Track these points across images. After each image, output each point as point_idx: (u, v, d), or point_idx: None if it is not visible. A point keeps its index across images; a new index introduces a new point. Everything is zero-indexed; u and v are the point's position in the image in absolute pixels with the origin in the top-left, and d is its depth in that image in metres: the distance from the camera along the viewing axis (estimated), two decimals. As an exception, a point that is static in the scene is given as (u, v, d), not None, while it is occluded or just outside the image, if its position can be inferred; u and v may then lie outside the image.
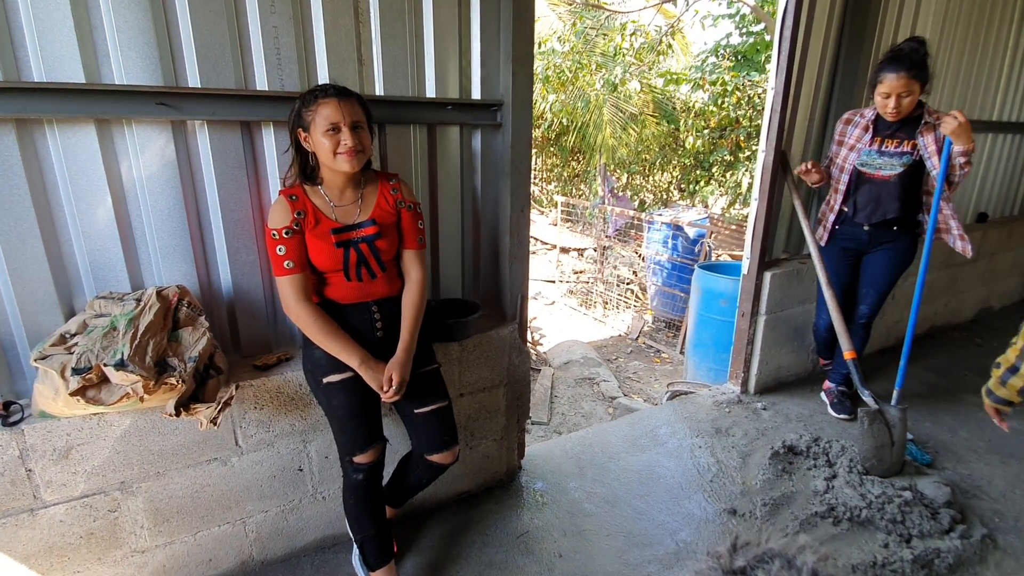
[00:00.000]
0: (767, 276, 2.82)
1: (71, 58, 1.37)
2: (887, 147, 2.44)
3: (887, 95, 2.30)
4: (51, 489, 1.46)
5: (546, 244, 8.87)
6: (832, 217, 2.62)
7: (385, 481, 1.74)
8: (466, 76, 1.92)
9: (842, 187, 2.55)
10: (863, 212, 2.52)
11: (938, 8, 3.17)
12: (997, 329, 4.06)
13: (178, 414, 1.40)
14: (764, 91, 7.80)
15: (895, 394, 2.47)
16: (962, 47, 3.44)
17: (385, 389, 1.53)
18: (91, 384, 1.34)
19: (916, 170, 2.44)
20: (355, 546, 1.74)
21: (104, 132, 1.45)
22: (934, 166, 2.35)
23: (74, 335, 1.43)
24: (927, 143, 2.35)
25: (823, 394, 2.96)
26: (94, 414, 1.46)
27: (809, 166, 2.51)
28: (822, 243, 2.68)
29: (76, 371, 1.33)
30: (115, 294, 1.52)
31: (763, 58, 7.66)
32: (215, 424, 1.44)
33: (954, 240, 2.51)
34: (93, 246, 1.51)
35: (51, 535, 1.49)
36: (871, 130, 2.46)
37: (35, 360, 1.37)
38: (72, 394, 1.32)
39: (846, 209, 2.58)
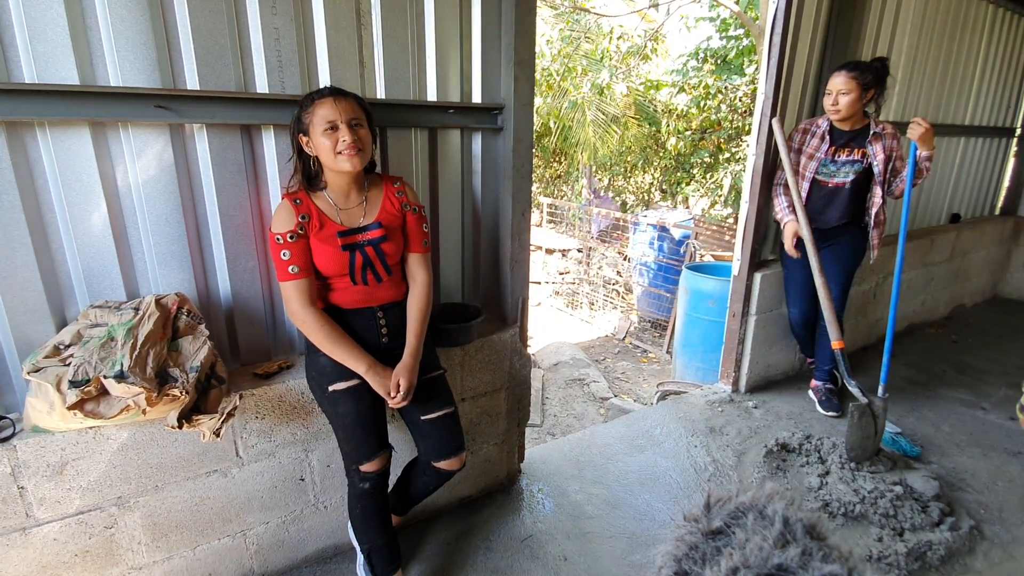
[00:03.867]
0: (757, 277, 2.87)
1: (65, 59, 1.32)
2: (840, 156, 2.60)
3: (829, 92, 2.49)
4: (45, 506, 1.41)
5: (530, 245, 8.89)
6: None
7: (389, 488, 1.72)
8: (467, 79, 1.91)
9: (803, 193, 2.64)
10: (818, 217, 2.67)
11: (915, 18, 3.28)
12: (970, 326, 4.21)
13: (180, 426, 1.36)
14: (745, 94, 7.98)
15: (880, 388, 2.54)
16: (937, 55, 3.57)
17: (392, 395, 1.51)
18: (90, 397, 1.29)
19: (865, 177, 2.63)
20: (360, 555, 1.71)
21: (99, 135, 1.40)
22: (880, 173, 2.56)
23: (69, 346, 1.38)
24: (876, 151, 2.55)
25: (811, 392, 3.03)
26: (90, 428, 1.41)
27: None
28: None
29: (73, 384, 1.28)
30: (111, 303, 1.47)
31: (743, 62, 7.81)
32: (218, 435, 1.40)
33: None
34: (87, 253, 1.45)
35: (45, 554, 1.43)
36: (827, 140, 2.59)
37: (28, 373, 1.31)
38: (70, 408, 1.27)
39: None
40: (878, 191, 2.60)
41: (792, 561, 0.54)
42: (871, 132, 2.54)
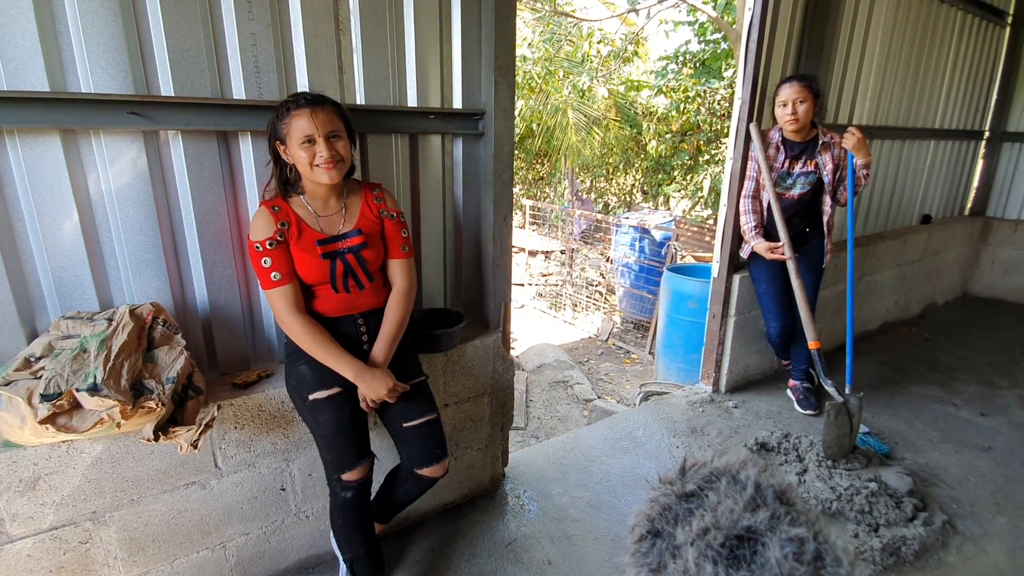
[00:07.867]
0: (736, 279, 2.92)
1: (34, 65, 1.29)
2: (795, 168, 2.66)
3: (784, 103, 2.53)
4: (17, 522, 1.37)
5: (513, 247, 8.90)
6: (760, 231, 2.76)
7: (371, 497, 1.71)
8: (447, 85, 1.91)
9: (764, 204, 2.69)
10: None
11: (887, 24, 3.36)
12: (942, 324, 4.32)
13: (157, 439, 1.33)
14: (723, 98, 8.10)
15: (847, 388, 2.59)
16: (908, 60, 3.66)
17: (384, 394, 1.52)
18: (62, 411, 1.26)
19: (821, 187, 2.68)
20: (343, 565, 1.70)
21: (70, 143, 1.37)
22: (829, 182, 2.62)
23: (40, 358, 1.35)
24: (825, 161, 2.61)
25: (789, 391, 3.08)
26: (63, 442, 1.38)
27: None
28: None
29: (45, 397, 1.25)
30: (83, 313, 1.44)
31: (721, 66, 7.92)
32: (196, 447, 1.38)
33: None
34: (58, 263, 1.42)
35: (19, 571, 1.39)
36: (782, 151, 2.64)
37: (-3, 387, 1.28)
38: (41, 422, 1.24)
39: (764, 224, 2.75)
40: (827, 200, 2.67)
41: (761, 523, 0.57)
42: (820, 142, 2.60)
